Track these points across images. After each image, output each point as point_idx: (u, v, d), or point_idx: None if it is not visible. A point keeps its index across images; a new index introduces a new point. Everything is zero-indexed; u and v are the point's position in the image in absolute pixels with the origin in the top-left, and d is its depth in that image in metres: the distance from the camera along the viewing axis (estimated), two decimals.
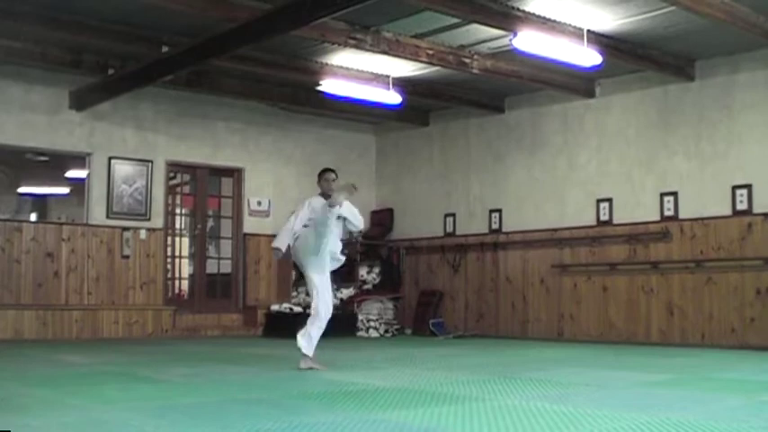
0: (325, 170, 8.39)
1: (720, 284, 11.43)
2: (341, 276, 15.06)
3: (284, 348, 10.96)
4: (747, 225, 11.26)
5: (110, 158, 13.33)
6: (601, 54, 10.62)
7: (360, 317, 14.37)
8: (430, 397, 5.89)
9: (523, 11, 9.84)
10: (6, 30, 10.67)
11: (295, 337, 7.72)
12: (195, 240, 14.80)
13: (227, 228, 15.02)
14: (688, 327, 11.70)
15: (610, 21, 10.26)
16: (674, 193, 12.02)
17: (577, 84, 12.88)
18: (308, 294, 14.44)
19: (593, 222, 12.91)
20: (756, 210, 11.20)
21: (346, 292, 14.69)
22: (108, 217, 13.27)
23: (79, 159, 13.95)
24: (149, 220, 13.66)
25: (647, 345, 11.79)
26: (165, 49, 11.00)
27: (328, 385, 6.51)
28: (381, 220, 15.87)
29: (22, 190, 19.80)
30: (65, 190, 19.52)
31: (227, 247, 15.02)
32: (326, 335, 7.22)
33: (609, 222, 12.75)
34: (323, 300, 7.88)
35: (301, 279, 14.65)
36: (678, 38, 10.86)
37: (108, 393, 6.24)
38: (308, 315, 7.85)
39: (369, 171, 16.08)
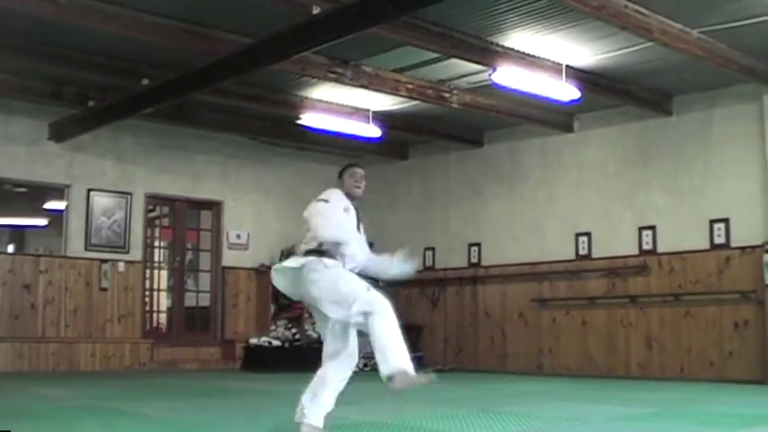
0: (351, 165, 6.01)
1: (699, 318, 11.46)
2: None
3: (262, 382, 10.91)
4: (725, 259, 11.33)
5: (89, 190, 13.29)
6: (579, 89, 10.69)
7: None
8: (409, 431, 5.86)
9: (502, 46, 9.92)
10: None
11: (273, 370, 7.56)
12: (174, 273, 14.73)
13: (205, 261, 14.96)
14: (667, 360, 11.71)
15: (588, 56, 10.34)
16: (653, 227, 12.08)
17: (556, 118, 12.96)
18: (287, 328, 14.53)
19: (572, 256, 12.94)
20: (734, 243, 11.27)
21: None
22: (86, 249, 13.19)
23: (58, 191, 13.86)
24: (128, 252, 13.59)
25: (626, 378, 11.80)
26: (145, 81, 11.00)
27: None
28: None
29: None
30: (43, 221, 19.36)
31: (205, 281, 14.95)
32: (306, 369, 6.79)
33: (588, 256, 12.79)
34: None
35: (281, 313, 14.67)
36: (656, 73, 10.97)
37: (85, 428, 6.18)
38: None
39: None
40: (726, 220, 11.37)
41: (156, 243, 14.86)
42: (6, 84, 11.54)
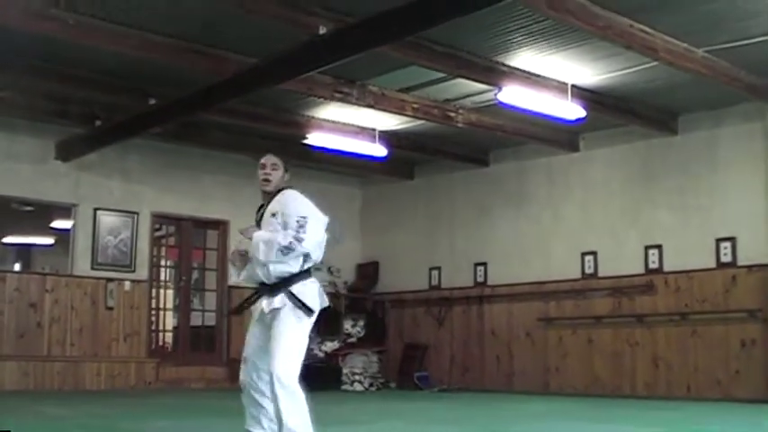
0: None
1: (705, 337, 11.44)
2: (325, 329, 15.07)
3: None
4: (732, 277, 11.31)
5: (95, 209, 13.30)
6: (584, 108, 10.71)
7: (344, 370, 14.28)
8: None
9: (508, 66, 9.95)
10: None
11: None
12: (180, 292, 14.73)
13: (211, 280, 14.95)
14: (673, 379, 11.68)
15: (593, 75, 10.36)
16: (659, 246, 12.07)
17: (562, 137, 12.97)
18: None
19: (578, 275, 12.93)
20: (741, 262, 11.26)
21: (330, 346, 14.63)
22: (92, 268, 13.20)
23: (64, 210, 13.91)
24: (134, 271, 13.59)
25: (632, 398, 11.76)
26: (152, 101, 11.03)
27: None
28: (367, 273, 15.83)
29: (6, 240, 19.70)
30: (49, 240, 19.43)
31: (211, 300, 14.93)
32: (312, 389, 6.31)
33: (594, 275, 12.77)
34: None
35: None
36: (661, 92, 10.98)
37: None
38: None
39: (354, 224, 16.05)
40: (732, 239, 11.36)
41: (162, 262, 14.85)
42: (13, 103, 11.56)
